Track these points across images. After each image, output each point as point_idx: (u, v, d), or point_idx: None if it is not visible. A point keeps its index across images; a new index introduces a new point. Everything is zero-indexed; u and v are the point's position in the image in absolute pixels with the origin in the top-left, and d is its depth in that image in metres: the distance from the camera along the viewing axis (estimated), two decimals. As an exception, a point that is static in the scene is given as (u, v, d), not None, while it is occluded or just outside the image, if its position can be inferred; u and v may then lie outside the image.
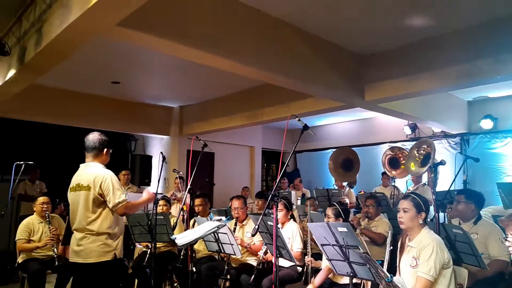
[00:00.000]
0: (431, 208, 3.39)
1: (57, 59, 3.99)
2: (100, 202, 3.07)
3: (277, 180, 3.26)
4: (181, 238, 3.18)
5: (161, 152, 4.58)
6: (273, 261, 2.87)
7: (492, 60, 4.65)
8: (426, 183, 7.27)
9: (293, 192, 8.55)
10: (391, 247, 3.30)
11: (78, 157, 3.45)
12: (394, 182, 7.51)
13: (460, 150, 8.17)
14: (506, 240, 2.09)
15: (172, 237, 3.31)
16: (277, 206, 2.93)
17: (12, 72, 4.49)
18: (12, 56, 4.47)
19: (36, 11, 3.91)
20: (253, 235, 3.08)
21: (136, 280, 4.98)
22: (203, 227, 3.33)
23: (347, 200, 6.97)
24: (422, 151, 7.21)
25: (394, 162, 7.83)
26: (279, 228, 3.62)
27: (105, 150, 3.27)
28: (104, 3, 2.81)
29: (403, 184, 7.91)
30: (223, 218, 3.91)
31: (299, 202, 8.08)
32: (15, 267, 4.91)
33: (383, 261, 3.69)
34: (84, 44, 3.61)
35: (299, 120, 3.10)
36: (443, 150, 8.35)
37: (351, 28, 4.89)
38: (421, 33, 4.98)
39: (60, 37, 3.38)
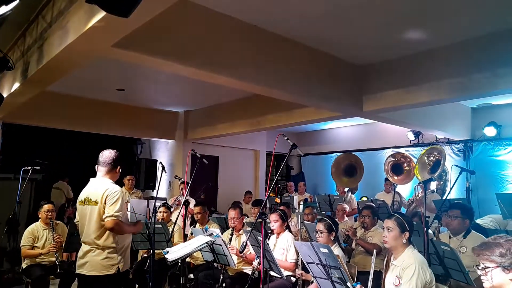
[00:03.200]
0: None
1: (58, 75, 4.14)
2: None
3: (268, 191, 3.34)
4: (172, 253, 3.29)
5: (160, 162, 4.71)
6: (260, 278, 2.96)
7: (490, 74, 4.67)
8: (435, 190, 7.28)
9: (295, 197, 8.63)
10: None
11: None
12: (395, 188, 7.51)
13: (463, 157, 8.15)
14: (478, 268, 2.14)
15: (164, 251, 3.41)
16: (265, 224, 3.02)
17: (16, 85, 4.66)
18: (16, 69, 4.63)
19: (38, 28, 4.06)
20: (241, 252, 3.17)
21: (137, 286, 5.13)
22: (194, 242, 3.44)
23: (347, 207, 6.98)
24: (432, 158, 7.21)
25: (397, 168, 7.85)
26: (268, 243, 3.70)
27: (118, 167, 3.38)
28: (99, 28, 2.92)
29: (408, 190, 7.91)
30: (218, 231, 4.00)
31: (301, 207, 8.13)
32: (19, 271, 5.08)
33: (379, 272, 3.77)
34: (83, 63, 3.73)
35: (287, 139, 3.17)
36: (446, 157, 8.32)
37: (350, 41, 4.95)
38: (418, 45, 5.01)
39: (60, 57, 3.51)
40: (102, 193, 3.14)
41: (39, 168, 7.03)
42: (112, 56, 3.55)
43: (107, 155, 3.31)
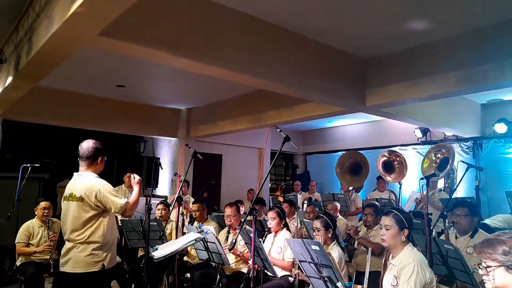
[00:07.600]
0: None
1: (47, 68, 4.03)
2: (93, 213, 3.00)
3: (259, 188, 3.21)
4: (160, 250, 3.15)
5: (157, 159, 4.60)
6: (251, 278, 2.81)
7: (498, 65, 4.46)
8: (443, 188, 7.05)
9: (299, 196, 8.48)
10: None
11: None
12: (401, 186, 7.28)
13: (472, 155, 7.89)
14: (479, 267, 1.96)
15: (153, 248, 3.27)
16: (256, 221, 2.87)
17: (9, 79, 4.57)
18: (10, 63, 4.56)
19: (29, 20, 3.96)
20: (230, 249, 3.02)
21: (133, 285, 5.01)
22: (183, 239, 3.31)
23: (338, 205, 6.72)
24: (440, 155, 6.97)
25: (388, 166, 7.63)
26: (260, 241, 3.55)
27: (100, 158, 3.17)
28: (81, 13, 2.80)
29: (409, 188, 7.68)
30: (211, 228, 3.86)
31: (305, 206, 7.97)
32: (13, 269, 5.01)
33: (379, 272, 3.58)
34: (70, 54, 3.62)
35: (280, 131, 3.03)
36: (455, 155, 8.07)
37: (351, 32, 4.77)
38: (423, 37, 4.82)
39: (46, 47, 3.40)
40: (85, 189, 2.98)
41: (38, 165, 6.98)
42: (99, 45, 3.43)
43: (85, 147, 3.10)
